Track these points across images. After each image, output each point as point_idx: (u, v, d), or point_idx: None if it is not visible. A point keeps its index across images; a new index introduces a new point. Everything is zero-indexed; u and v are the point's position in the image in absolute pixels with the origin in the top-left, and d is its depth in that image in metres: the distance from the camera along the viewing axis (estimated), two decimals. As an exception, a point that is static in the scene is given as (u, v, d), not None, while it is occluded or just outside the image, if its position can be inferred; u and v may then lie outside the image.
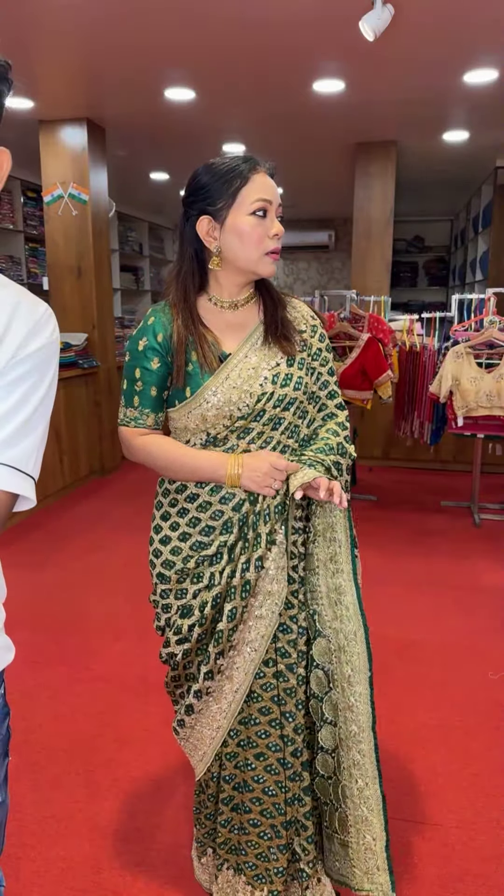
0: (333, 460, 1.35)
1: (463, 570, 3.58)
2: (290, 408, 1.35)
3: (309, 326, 1.42)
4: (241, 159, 1.29)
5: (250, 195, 1.27)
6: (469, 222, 7.66)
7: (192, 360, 1.32)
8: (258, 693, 1.40)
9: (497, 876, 1.67)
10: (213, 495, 1.35)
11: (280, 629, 1.38)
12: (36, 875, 1.68)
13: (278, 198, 1.31)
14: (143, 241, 8.76)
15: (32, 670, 2.59)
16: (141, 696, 2.42)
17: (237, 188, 1.27)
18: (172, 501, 1.40)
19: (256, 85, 4.25)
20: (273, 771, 1.41)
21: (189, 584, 1.38)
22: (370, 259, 5.76)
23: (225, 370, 1.32)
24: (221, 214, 1.29)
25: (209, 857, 1.58)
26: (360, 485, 5.13)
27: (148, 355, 1.33)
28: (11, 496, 0.85)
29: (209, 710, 1.41)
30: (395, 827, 1.82)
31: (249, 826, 1.45)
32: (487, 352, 3.99)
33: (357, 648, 1.36)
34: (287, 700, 1.39)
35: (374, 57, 3.74)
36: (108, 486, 5.20)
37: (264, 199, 1.28)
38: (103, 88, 4.38)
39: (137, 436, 1.37)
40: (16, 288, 0.88)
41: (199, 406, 1.32)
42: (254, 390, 1.31)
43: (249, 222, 1.28)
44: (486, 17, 3.26)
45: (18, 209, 6.28)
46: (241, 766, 1.44)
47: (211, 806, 1.52)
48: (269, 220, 1.29)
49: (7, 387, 0.84)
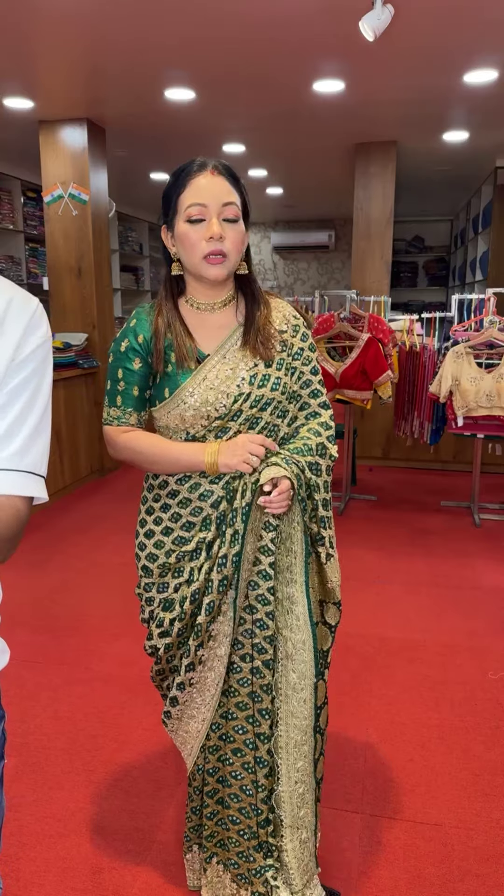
0: (310, 461, 1.35)
1: (463, 570, 3.58)
2: (267, 408, 1.36)
3: (290, 326, 1.42)
4: (185, 165, 1.31)
5: (185, 201, 1.29)
6: (469, 222, 7.66)
7: (172, 360, 1.35)
8: (235, 688, 1.42)
9: (497, 876, 1.67)
10: (193, 492, 1.38)
11: (257, 625, 1.39)
12: (36, 875, 1.68)
13: (224, 197, 1.29)
14: (143, 241, 8.77)
15: (32, 670, 2.59)
16: (141, 696, 2.42)
17: (177, 196, 1.31)
18: (156, 497, 1.43)
19: (256, 85, 4.25)
20: (249, 769, 1.44)
21: (171, 578, 1.41)
22: (370, 259, 5.76)
23: (202, 371, 1.34)
24: (172, 223, 1.33)
25: (194, 853, 1.60)
26: (359, 485, 5.13)
27: (129, 356, 1.36)
28: (30, 499, 0.88)
29: (193, 701, 1.44)
30: (395, 827, 1.83)
31: (230, 823, 1.49)
32: (487, 352, 3.99)
33: (305, 657, 1.40)
34: (264, 697, 1.40)
35: (374, 57, 3.74)
36: (107, 486, 5.20)
37: (197, 204, 1.28)
38: (103, 88, 4.39)
39: (121, 433, 1.39)
40: (5, 283, 0.87)
41: (176, 406, 1.34)
42: (231, 391, 1.33)
43: (185, 229, 1.30)
44: (486, 17, 3.27)
45: (18, 209, 6.28)
46: (223, 759, 1.47)
47: (197, 799, 1.54)
48: (207, 223, 1.29)
49: (12, 393, 0.84)
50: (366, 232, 5.74)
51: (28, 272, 6.50)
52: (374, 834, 1.80)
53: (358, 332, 4.14)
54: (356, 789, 1.96)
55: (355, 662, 2.64)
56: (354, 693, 2.43)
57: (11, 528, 0.84)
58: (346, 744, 2.16)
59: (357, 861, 1.71)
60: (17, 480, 0.84)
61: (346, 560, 2.91)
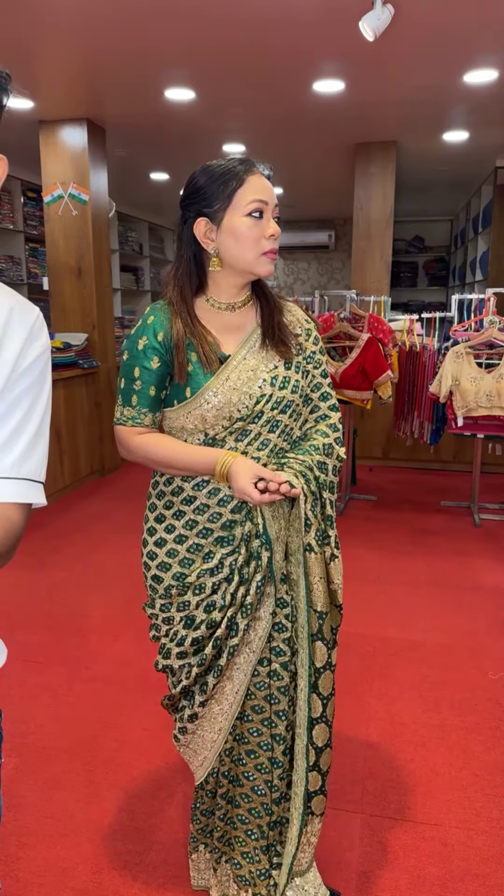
0: (317, 460, 1.35)
1: (463, 570, 3.58)
2: (287, 410, 1.36)
3: (304, 330, 1.43)
4: (238, 161, 1.30)
5: (246, 196, 1.28)
6: (469, 222, 7.66)
7: (193, 360, 1.33)
8: (252, 691, 1.41)
9: (497, 876, 1.67)
10: (211, 498, 1.35)
11: (275, 628, 1.39)
12: (36, 875, 1.68)
13: (275, 199, 1.32)
14: (143, 241, 8.76)
15: (32, 670, 2.59)
16: (141, 696, 2.42)
17: (233, 189, 1.28)
18: (168, 503, 1.40)
19: (256, 85, 4.25)
20: (263, 770, 1.43)
21: (191, 595, 1.38)
22: (370, 259, 5.76)
23: (225, 371, 1.33)
24: (218, 216, 1.29)
25: (200, 853, 1.60)
26: (359, 485, 5.13)
27: (148, 354, 1.33)
28: (29, 504, 0.88)
29: (211, 712, 1.42)
30: (395, 827, 1.83)
31: (238, 822, 1.48)
32: (487, 352, 3.99)
33: (305, 644, 1.38)
34: (280, 698, 1.40)
35: (374, 57, 3.74)
36: (108, 487, 5.20)
37: (260, 200, 1.28)
38: (103, 88, 4.38)
39: (134, 435, 1.36)
40: (5, 290, 0.87)
41: (199, 406, 1.32)
42: (253, 392, 1.32)
43: (246, 223, 1.28)
44: (486, 17, 3.26)
45: (18, 209, 6.28)
46: (236, 760, 1.46)
47: (209, 801, 1.53)
48: (265, 221, 1.30)
49: (12, 403, 0.85)
50: (366, 232, 5.74)
51: (28, 272, 6.50)
52: (374, 834, 1.80)
53: (358, 332, 4.14)
54: (356, 789, 1.96)
55: (355, 662, 2.64)
56: (354, 693, 2.43)
57: (8, 536, 0.84)
58: (346, 744, 2.16)
59: (357, 861, 1.71)
60: (16, 489, 0.85)
61: (346, 560, 2.91)
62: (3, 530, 0.83)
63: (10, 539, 0.85)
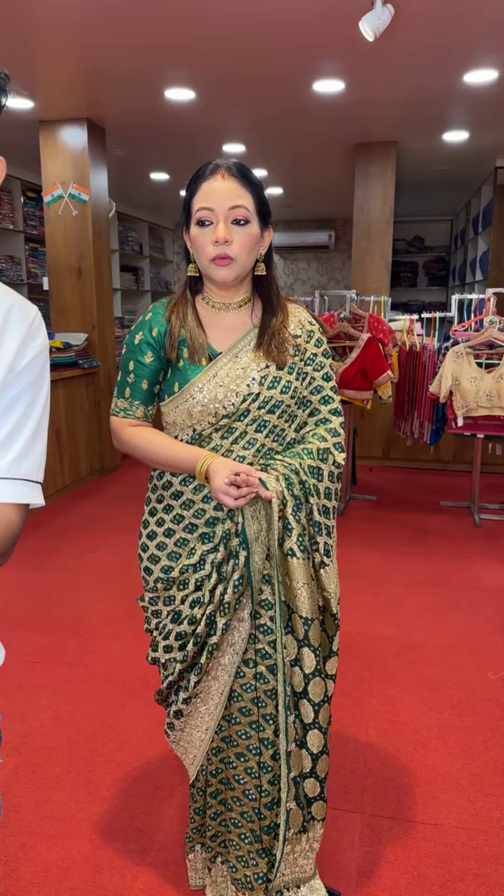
0: (308, 464, 1.34)
1: (463, 570, 3.58)
2: (275, 410, 1.36)
3: (305, 331, 1.42)
4: (200, 168, 1.33)
5: (195, 205, 1.31)
6: (469, 222, 7.65)
7: (184, 355, 1.36)
8: (238, 693, 1.41)
9: (497, 876, 1.67)
10: (196, 494, 1.38)
11: (261, 630, 1.38)
12: (36, 875, 1.68)
13: (232, 200, 1.29)
14: (143, 241, 8.76)
15: (32, 670, 2.59)
16: (141, 696, 2.42)
17: (188, 200, 1.33)
18: (159, 497, 1.44)
19: (256, 85, 4.25)
20: (252, 774, 1.42)
21: (176, 590, 1.40)
22: (370, 259, 5.76)
23: (213, 367, 1.34)
24: (188, 226, 1.35)
25: (197, 853, 1.60)
26: (359, 485, 5.13)
27: (142, 349, 1.37)
28: (26, 505, 0.88)
29: (197, 711, 1.44)
30: (395, 827, 1.83)
31: (231, 826, 1.48)
32: (487, 352, 3.99)
33: (279, 647, 1.37)
34: (267, 702, 1.39)
35: (374, 57, 3.74)
36: (107, 486, 5.20)
37: (205, 208, 1.30)
38: (103, 88, 4.38)
39: (126, 426, 1.41)
40: (4, 289, 0.87)
41: (185, 401, 1.35)
42: (240, 390, 1.33)
43: (194, 232, 1.33)
44: (486, 17, 3.27)
45: (18, 209, 6.28)
46: (225, 762, 1.46)
47: (200, 800, 1.54)
48: (213, 227, 1.30)
49: (10, 403, 0.85)
50: (366, 232, 5.74)
51: (28, 272, 6.50)
52: (374, 834, 1.80)
53: (358, 332, 4.14)
54: (356, 789, 1.96)
55: (355, 662, 2.64)
56: (354, 693, 2.43)
57: (5, 537, 0.84)
58: (346, 744, 2.16)
59: (357, 861, 1.71)
60: (13, 489, 0.85)
61: (346, 560, 2.91)
62: (0, 530, 0.83)
63: (8, 539, 0.84)
